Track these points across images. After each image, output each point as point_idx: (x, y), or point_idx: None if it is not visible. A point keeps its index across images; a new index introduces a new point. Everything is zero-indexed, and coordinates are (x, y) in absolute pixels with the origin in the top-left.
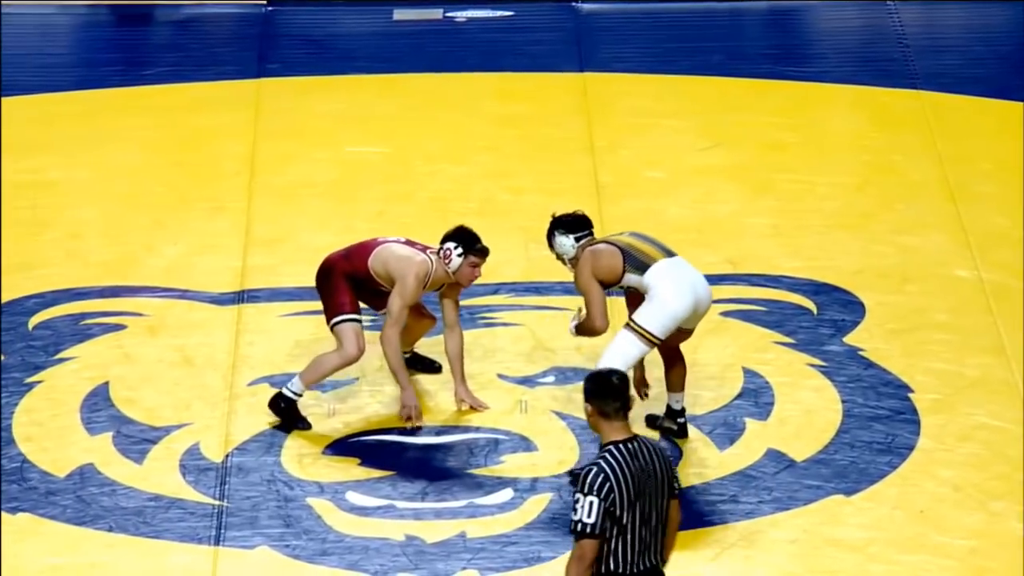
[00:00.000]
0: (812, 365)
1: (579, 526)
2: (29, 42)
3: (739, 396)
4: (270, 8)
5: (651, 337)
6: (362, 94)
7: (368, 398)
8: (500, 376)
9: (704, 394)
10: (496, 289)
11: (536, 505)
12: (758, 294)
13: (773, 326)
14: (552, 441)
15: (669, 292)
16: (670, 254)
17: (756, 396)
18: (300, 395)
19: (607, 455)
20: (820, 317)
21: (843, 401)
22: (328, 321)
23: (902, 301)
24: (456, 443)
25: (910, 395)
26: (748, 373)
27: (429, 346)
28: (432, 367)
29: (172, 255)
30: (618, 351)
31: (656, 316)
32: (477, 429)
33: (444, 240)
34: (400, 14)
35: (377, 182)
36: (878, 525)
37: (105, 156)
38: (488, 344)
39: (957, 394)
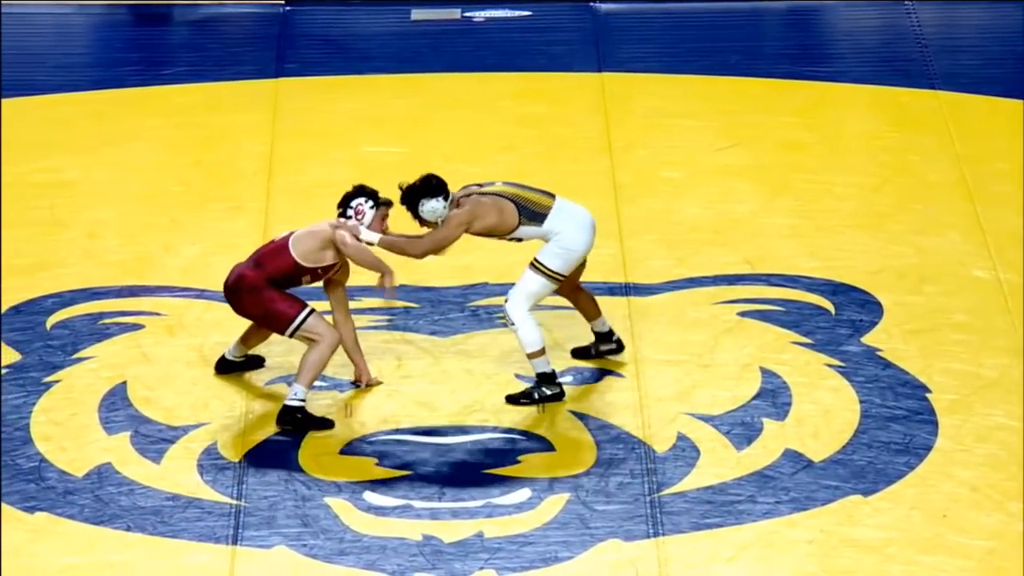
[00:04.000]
0: (830, 365)
1: None
2: (47, 42)
3: (757, 396)
4: (288, 8)
5: (555, 275)
6: (380, 94)
7: (385, 398)
8: (518, 376)
9: (722, 394)
10: None
11: (553, 505)
12: (776, 294)
13: (791, 326)
14: (569, 441)
15: (572, 233)
16: (551, 195)
17: (774, 396)
18: (304, 400)
19: None
20: (838, 317)
21: (861, 401)
22: (284, 332)
23: (920, 301)
24: (473, 443)
25: (928, 395)
26: (766, 373)
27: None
28: (259, 363)
29: (190, 255)
30: (525, 289)
31: (560, 256)
32: (494, 429)
33: (346, 201)
34: (418, 14)
35: (395, 182)
36: (896, 525)
37: (123, 156)
38: (505, 344)
39: (975, 394)
